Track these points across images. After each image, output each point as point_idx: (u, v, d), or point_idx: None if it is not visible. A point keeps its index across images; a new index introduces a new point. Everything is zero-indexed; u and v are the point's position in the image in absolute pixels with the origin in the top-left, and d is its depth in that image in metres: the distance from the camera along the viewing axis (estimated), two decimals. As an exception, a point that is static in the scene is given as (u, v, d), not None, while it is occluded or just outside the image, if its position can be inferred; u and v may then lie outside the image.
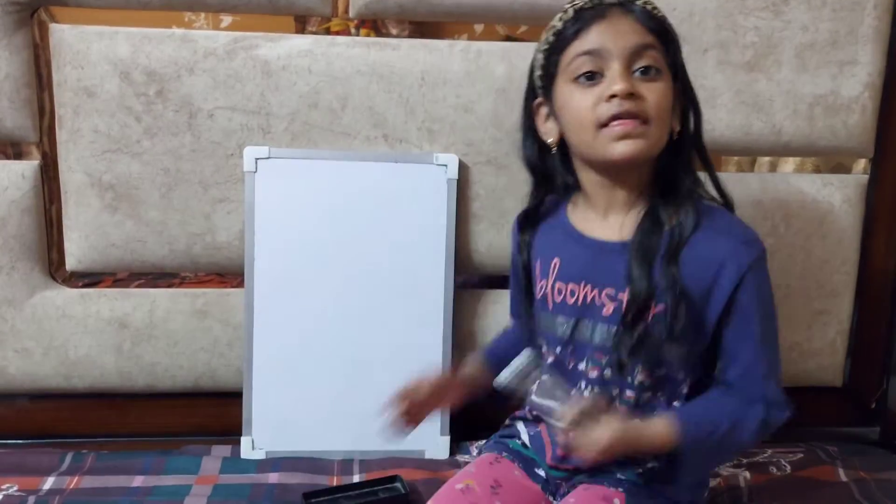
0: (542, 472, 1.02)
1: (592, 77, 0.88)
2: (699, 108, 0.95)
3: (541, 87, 0.95)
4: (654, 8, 0.91)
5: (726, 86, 1.29)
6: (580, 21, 0.89)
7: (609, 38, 0.87)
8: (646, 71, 0.88)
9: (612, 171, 0.92)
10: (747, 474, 1.24)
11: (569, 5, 0.91)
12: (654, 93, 0.88)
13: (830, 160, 1.50)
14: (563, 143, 0.96)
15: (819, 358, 1.40)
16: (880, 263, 1.39)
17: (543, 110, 0.97)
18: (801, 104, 1.30)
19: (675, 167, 0.93)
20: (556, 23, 0.92)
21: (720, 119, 1.29)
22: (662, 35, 0.90)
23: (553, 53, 0.92)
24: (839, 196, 1.34)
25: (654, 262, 0.90)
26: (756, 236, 0.93)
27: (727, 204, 0.97)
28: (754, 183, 1.33)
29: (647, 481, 0.95)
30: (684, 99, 0.94)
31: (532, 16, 1.27)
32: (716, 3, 1.26)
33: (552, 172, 0.99)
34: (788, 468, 1.27)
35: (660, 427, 0.89)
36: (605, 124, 0.87)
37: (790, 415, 0.94)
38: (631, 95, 0.86)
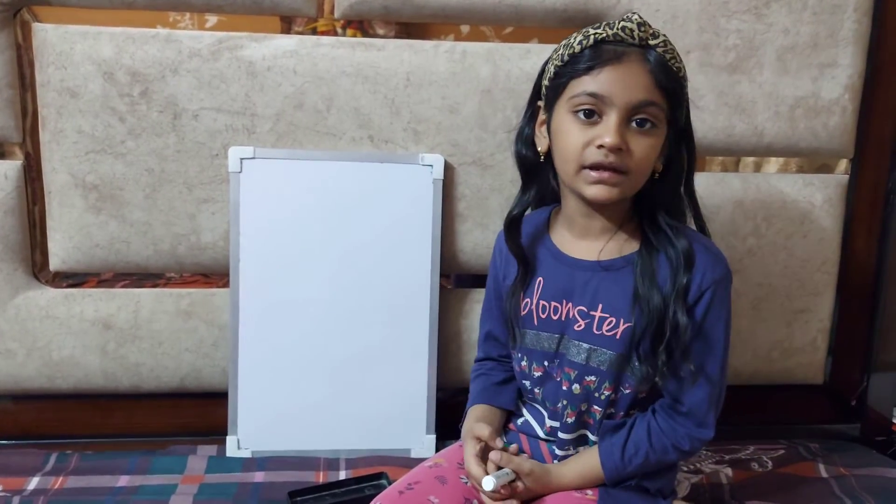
0: None
1: (591, 115, 0.89)
2: (694, 156, 0.98)
3: (545, 95, 0.97)
4: (672, 59, 0.91)
5: (708, 87, 1.30)
6: (596, 57, 0.89)
7: (617, 87, 0.88)
8: (641, 123, 0.89)
9: (590, 203, 0.95)
10: (729, 471, 1.26)
11: (592, 31, 0.90)
12: (642, 146, 0.90)
13: (814, 160, 1.52)
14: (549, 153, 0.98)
15: (800, 356, 1.41)
16: (861, 262, 1.41)
17: (542, 117, 0.98)
18: (782, 106, 1.32)
19: (658, 205, 0.95)
20: (576, 45, 0.91)
21: (703, 121, 1.30)
22: (670, 91, 0.90)
23: (562, 76, 0.92)
24: (820, 196, 1.36)
25: (658, 285, 0.92)
26: (720, 257, 0.96)
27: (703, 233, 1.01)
28: (736, 183, 1.35)
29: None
30: (678, 145, 0.95)
31: (517, 17, 1.28)
32: (698, 6, 1.28)
33: (540, 173, 1.02)
34: (770, 465, 1.29)
35: (579, 466, 0.97)
36: (586, 166, 0.90)
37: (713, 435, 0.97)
38: (619, 150, 0.88)
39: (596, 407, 0.97)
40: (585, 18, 1.27)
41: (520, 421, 1.06)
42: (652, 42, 0.89)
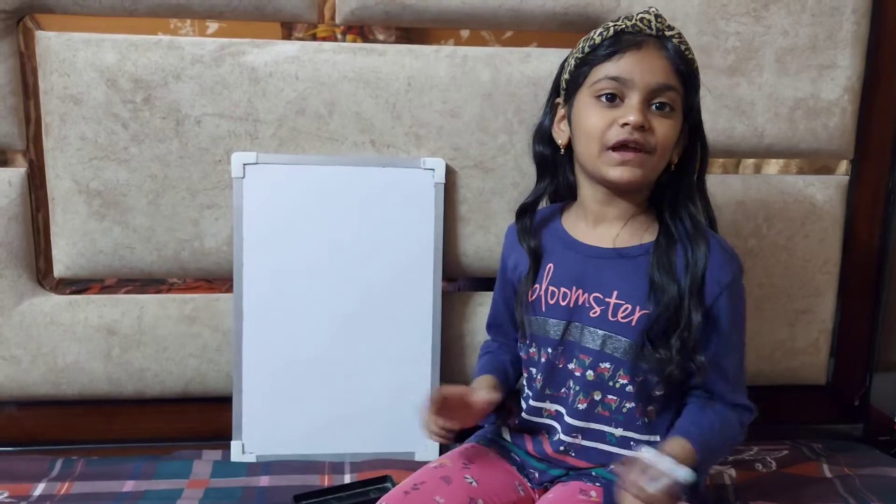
0: (517, 458, 1.05)
1: (613, 99, 0.93)
2: (707, 149, 1.02)
3: (564, 90, 1.01)
4: (687, 49, 0.96)
5: (709, 90, 1.30)
6: (617, 44, 0.94)
7: (637, 70, 0.93)
8: (661, 106, 0.93)
9: (610, 188, 0.98)
10: (733, 472, 1.26)
11: (611, 24, 0.96)
12: (664, 127, 0.93)
13: (815, 161, 1.53)
14: (570, 146, 1.01)
15: (803, 356, 1.41)
16: (862, 262, 1.41)
17: (561, 112, 1.02)
18: (782, 107, 1.32)
19: (677, 196, 0.98)
20: (595, 37, 0.96)
21: (703, 122, 1.30)
22: (685, 77, 0.95)
23: (584, 65, 0.97)
24: (821, 196, 1.36)
25: (676, 276, 0.95)
26: (734, 254, 1.00)
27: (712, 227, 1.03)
28: (737, 184, 1.35)
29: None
30: (691, 137, 1.00)
31: (517, 21, 1.29)
32: (698, 9, 1.28)
33: (557, 168, 1.05)
34: (774, 465, 1.29)
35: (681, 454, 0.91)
36: (611, 147, 0.93)
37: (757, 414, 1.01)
38: (642, 127, 0.91)
39: (611, 397, 0.97)
40: (585, 22, 1.27)
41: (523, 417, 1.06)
42: (668, 33, 0.95)
